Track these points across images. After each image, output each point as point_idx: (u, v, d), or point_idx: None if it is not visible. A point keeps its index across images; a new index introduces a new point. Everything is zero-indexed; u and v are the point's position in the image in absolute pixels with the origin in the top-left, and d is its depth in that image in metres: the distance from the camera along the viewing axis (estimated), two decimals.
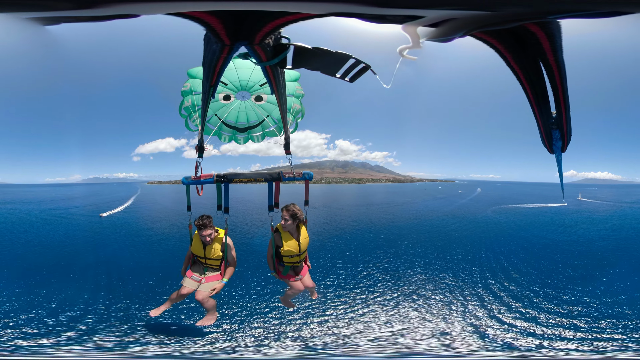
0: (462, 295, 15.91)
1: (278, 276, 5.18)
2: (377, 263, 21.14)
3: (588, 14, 2.38)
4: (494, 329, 12.80)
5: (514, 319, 13.60)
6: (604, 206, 55.40)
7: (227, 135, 6.04)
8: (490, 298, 15.62)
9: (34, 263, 19.62)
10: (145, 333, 11.68)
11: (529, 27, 2.48)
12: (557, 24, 2.49)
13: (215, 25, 2.51)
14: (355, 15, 2.37)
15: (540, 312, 14.16)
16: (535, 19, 2.38)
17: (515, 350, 11.51)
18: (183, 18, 2.47)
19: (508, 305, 14.87)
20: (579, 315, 13.74)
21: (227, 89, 5.81)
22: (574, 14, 2.37)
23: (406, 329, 12.90)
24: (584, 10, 2.35)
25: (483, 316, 13.84)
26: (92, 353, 10.44)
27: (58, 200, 62.71)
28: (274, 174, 4.90)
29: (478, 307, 14.63)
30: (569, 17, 2.40)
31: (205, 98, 3.84)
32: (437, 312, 14.25)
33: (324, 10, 2.36)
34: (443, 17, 2.42)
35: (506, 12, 2.32)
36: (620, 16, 2.36)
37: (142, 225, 35.89)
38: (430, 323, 13.30)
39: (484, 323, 13.27)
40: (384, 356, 11.13)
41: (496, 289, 16.68)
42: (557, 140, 3.09)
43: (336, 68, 3.19)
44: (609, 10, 2.36)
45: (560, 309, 14.33)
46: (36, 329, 11.83)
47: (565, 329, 12.70)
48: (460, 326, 13.06)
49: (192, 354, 10.68)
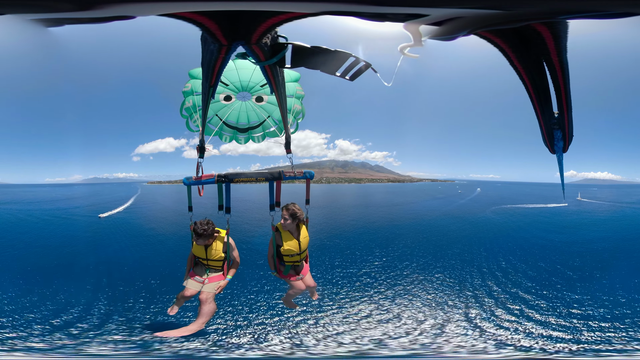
0: (455, 294, 15.92)
1: (279, 275, 5.17)
2: (375, 262, 21.24)
3: (599, 15, 2.36)
4: (485, 328, 12.81)
5: (506, 320, 13.55)
6: (603, 206, 55.33)
7: (228, 136, 6.04)
8: (483, 297, 15.62)
9: (35, 264, 19.50)
10: (145, 333, 11.70)
11: (536, 27, 2.47)
12: (565, 24, 2.47)
13: (210, 25, 2.50)
14: (352, 14, 2.35)
15: (536, 312, 14.15)
16: (545, 18, 2.36)
17: (510, 348, 11.50)
18: (178, 19, 2.47)
19: (503, 305, 14.87)
20: (574, 316, 13.73)
21: (227, 89, 5.80)
22: (584, 15, 2.36)
23: (398, 326, 12.96)
24: (596, 11, 2.34)
25: (476, 315, 13.84)
26: (93, 353, 10.43)
27: (59, 201, 62.66)
28: (275, 174, 4.87)
29: (470, 307, 14.64)
30: (580, 18, 2.39)
31: (205, 98, 3.84)
32: (430, 310, 14.27)
33: (318, 9, 2.35)
34: (448, 15, 2.40)
35: (517, 11, 2.30)
36: (628, 17, 2.36)
37: (143, 225, 35.94)
38: (423, 322, 13.32)
39: (477, 322, 13.27)
40: (382, 356, 11.13)
41: (491, 289, 16.69)
42: (558, 140, 3.08)
43: (336, 66, 3.16)
44: (621, 11, 2.35)
45: (558, 310, 14.32)
46: (38, 328, 11.83)
47: (561, 330, 12.68)
48: (454, 324, 13.08)
49: (193, 353, 10.68)
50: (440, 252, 23.43)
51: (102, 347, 10.84)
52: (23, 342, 10.84)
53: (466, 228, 33.77)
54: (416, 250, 24.13)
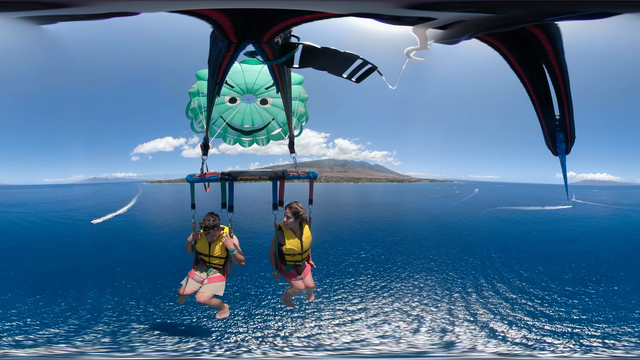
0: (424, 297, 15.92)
1: (280, 274, 5.20)
2: (357, 260, 21.43)
3: (580, 16, 2.41)
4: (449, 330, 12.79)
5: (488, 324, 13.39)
6: (598, 208, 54.83)
7: (232, 138, 6.08)
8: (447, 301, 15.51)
9: (44, 270, 18.85)
10: (145, 333, 11.72)
11: (531, 29, 2.52)
12: (556, 26, 2.52)
13: (224, 22, 2.48)
14: (375, 16, 2.38)
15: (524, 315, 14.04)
16: (535, 21, 2.41)
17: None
18: (190, 16, 2.44)
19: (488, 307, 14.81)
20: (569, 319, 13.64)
21: (233, 91, 5.83)
22: (568, 16, 2.41)
23: (380, 322, 13.04)
24: (576, 12, 2.39)
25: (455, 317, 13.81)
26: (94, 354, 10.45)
27: (61, 202, 62.00)
28: (279, 173, 4.88)
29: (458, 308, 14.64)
30: (565, 19, 2.44)
31: (210, 96, 3.85)
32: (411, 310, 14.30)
33: (344, 11, 2.36)
34: (454, 19, 2.45)
35: (508, 14, 2.35)
36: (614, 17, 2.40)
37: (150, 225, 35.87)
38: (406, 322, 13.36)
39: (453, 324, 13.23)
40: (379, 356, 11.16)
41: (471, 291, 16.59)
42: (560, 142, 3.12)
43: (343, 68, 3.17)
44: (599, 11, 2.40)
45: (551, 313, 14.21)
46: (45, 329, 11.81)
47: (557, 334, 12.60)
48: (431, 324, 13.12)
49: (194, 353, 10.70)
50: (423, 253, 23.23)
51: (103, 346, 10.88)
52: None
53: (460, 230, 33.36)
54: (388, 252, 23.99)
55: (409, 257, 22.45)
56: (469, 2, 2.31)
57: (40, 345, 10.70)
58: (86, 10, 2.49)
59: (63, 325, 12.16)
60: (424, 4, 2.31)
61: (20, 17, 2.66)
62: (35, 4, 2.51)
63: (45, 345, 10.72)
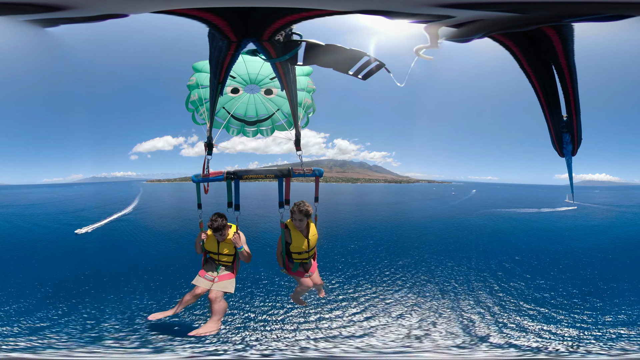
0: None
1: (288, 273, 5.18)
2: (345, 257, 21.84)
3: (600, 18, 2.42)
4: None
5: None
6: (597, 208, 54.65)
7: (236, 129, 5.90)
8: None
9: (53, 276, 18.45)
10: (149, 335, 11.67)
11: (545, 30, 2.52)
12: (571, 27, 2.53)
13: (217, 22, 2.44)
14: (384, 13, 2.35)
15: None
16: (553, 22, 2.42)
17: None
18: (180, 17, 2.40)
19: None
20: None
21: (235, 82, 5.65)
22: (587, 18, 2.42)
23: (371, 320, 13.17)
24: (596, 14, 2.40)
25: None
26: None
27: (62, 202, 61.30)
28: (284, 171, 4.79)
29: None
30: (583, 21, 2.45)
31: (213, 95, 3.78)
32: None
33: (354, 8, 2.34)
34: (472, 17, 2.43)
35: (530, 14, 2.35)
36: (624, 20, 2.42)
37: (156, 224, 35.85)
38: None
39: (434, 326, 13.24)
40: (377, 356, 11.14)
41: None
42: (567, 143, 3.12)
43: (349, 65, 3.11)
44: (616, 13, 2.41)
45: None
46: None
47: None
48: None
49: (198, 352, 10.66)
50: (410, 254, 23.41)
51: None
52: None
53: (453, 230, 33.33)
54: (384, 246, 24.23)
55: (395, 256, 22.88)
56: (497, 2, 2.29)
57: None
58: (81, 13, 2.49)
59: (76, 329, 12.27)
60: (449, 4, 2.29)
61: (26, 20, 2.67)
62: (35, 7, 2.51)
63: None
